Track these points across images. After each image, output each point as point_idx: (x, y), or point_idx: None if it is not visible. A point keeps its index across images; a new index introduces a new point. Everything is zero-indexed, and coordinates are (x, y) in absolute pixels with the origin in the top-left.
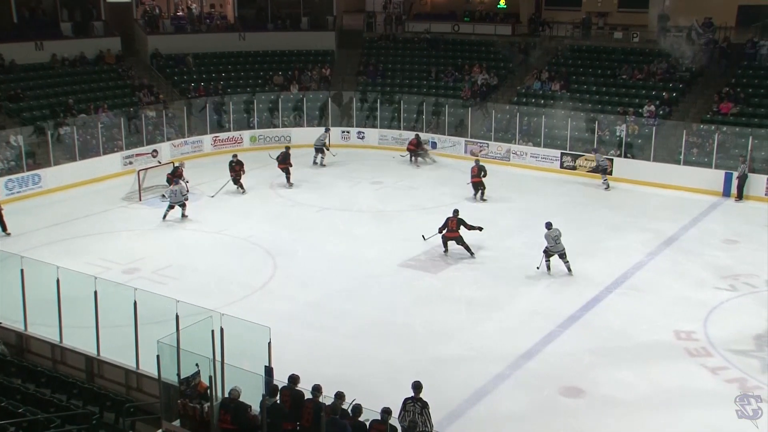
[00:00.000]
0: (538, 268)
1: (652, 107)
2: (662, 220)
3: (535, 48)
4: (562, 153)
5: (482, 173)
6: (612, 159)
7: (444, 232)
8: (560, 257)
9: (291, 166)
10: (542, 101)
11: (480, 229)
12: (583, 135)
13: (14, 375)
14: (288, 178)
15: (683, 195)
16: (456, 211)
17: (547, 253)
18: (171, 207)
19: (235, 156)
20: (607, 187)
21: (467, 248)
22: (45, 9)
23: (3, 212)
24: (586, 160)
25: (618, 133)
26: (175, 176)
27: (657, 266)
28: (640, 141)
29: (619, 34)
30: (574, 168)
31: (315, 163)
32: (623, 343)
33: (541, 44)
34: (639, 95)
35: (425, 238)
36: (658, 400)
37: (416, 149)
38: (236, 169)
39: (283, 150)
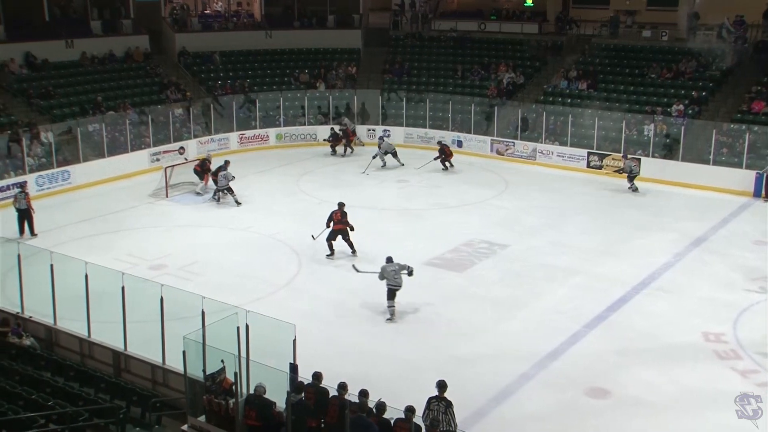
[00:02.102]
0: (389, 315)
1: (681, 106)
2: (690, 220)
3: (563, 46)
4: (588, 152)
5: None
6: (639, 159)
7: (332, 225)
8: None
9: (354, 135)
10: (569, 100)
11: (351, 228)
12: (610, 134)
13: (44, 368)
14: (359, 141)
15: (712, 195)
16: (341, 204)
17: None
18: (221, 191)
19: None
20: (635, 190)
21: (350, 244)
22: (75, 8)
23: (34, 214)
24: (613, 159)
25: (646, 133)
26: (203, 169)
27: (685, 267)
28: (668, 140)
29: (647, 33)
30: (600, 167)
31: (402, 164)
32: (650, 345)
33: (568, 43)
34: (668, 94)
35: (314, 237)
36: (686, 403)
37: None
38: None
39: (342, 129)
